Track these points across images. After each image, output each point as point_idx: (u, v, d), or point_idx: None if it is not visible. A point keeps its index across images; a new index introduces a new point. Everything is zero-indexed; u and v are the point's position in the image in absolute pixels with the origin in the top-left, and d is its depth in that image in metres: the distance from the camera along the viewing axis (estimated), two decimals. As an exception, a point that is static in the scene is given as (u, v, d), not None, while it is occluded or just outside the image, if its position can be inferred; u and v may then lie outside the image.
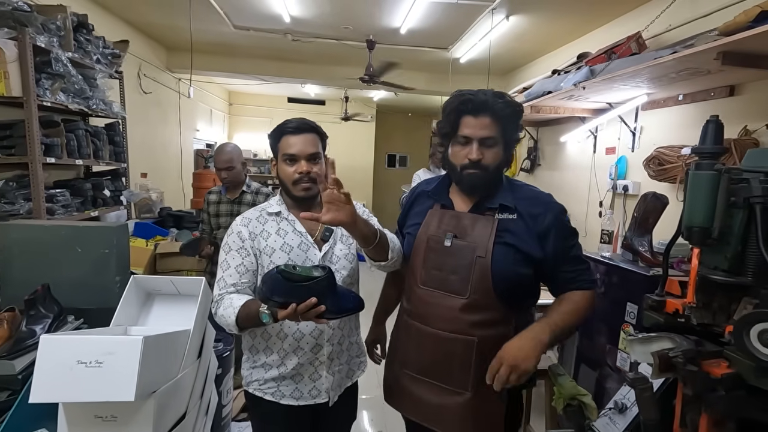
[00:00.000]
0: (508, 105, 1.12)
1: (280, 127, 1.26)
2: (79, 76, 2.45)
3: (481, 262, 1.10)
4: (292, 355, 1.24)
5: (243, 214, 1.29)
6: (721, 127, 1.10)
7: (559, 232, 1.14)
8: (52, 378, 0.85)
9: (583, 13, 3.01)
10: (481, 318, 1.11)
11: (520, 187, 1.22)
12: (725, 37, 1.50)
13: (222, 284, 1.19)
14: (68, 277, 1.76)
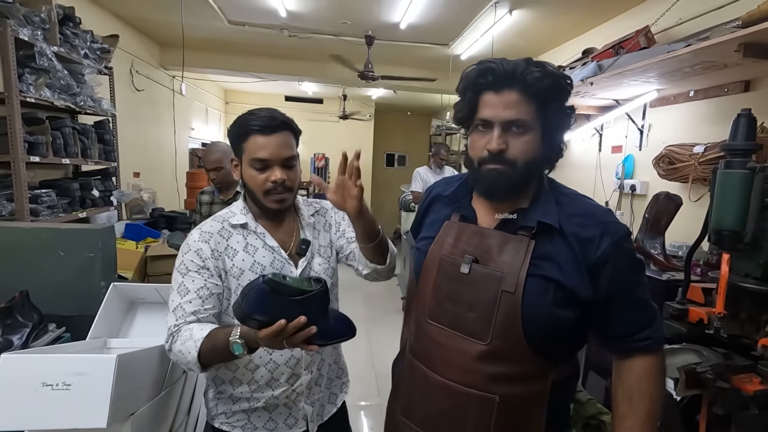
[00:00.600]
0: (547, 75, 0.80)
1: (243, 122, 1.02)
2: (66, 72, 2.34)
3: (509, 299, 0.82)
4: (265, 387, 1.05)
5: (201, 225, 1.05)
6: (754, 121, 1.01)
7: (620, 264, 0.82)
8: (13, 402, 0.75)
9: (589, 8, 2.92)
10: (505, 371, 0.83)
11: (570, 198, 0.89)
12: (747, 27, 1.41)
13: (180, 313, 0.95)
14: (50, 282, 1.67)
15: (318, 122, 7.44)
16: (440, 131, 6.50)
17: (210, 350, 0.90)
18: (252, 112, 1.03)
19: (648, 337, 0.85)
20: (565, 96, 0.85)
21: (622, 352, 0.87)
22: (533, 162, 0.84)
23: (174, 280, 1.00)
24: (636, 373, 0.85)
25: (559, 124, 0.86)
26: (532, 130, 0.82)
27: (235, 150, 1.06)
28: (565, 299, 0.81)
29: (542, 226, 0.83)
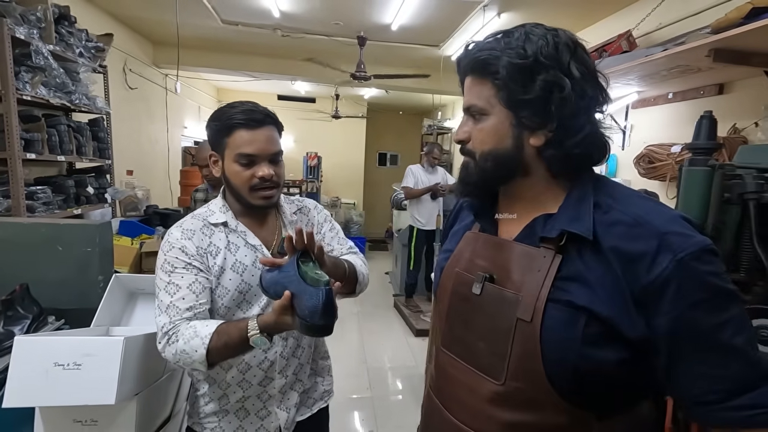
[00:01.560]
0: (493, 46, 0.66)
1: (225, 115, 0.97)
2: (61, 70, 2.37)
3: (525, 329, 0.64)
4: (236, 387, 1.03)
5: (180, 223, 1.01)
6: (714, 122, 1.10)
7: (687, 293, 0.58)
8: (27, 381, 0.81)
9: (574, 12, 3.01)
10: (524, 419, 0.65)
11: (620, 200, 0.66)
12: (717, 34, 1.50)
13: (173, 311, 0.91)
14: (49, 276, 1.71)
15: (310, 121, 7.48)
16: (432, 131, 6.58)
17: (221, 347, 0.86)
18: (233, 105, 0.98)
19: (756, 406, 0.58)
20: (529, 66, 0.63)
21: (716, 423, 0.61)
22: (494, 153, 0.68)
23: (159, 280, 0.95)
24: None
25: (529, 103, 0.64)
26: (489, 115, 0.68)
27: (216, 145, 1.01)
28: (602, 335, 0.61)
29: (573, 237, 0.63)
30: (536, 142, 0.67)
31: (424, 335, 3.66)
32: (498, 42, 0.66)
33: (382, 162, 8.82)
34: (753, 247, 1.01)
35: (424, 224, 4.20)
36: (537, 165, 0.69)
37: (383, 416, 2.59)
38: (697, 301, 0.58)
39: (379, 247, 7.52)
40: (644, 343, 0.61)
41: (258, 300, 1.02)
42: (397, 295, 4.70)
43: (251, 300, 1.02)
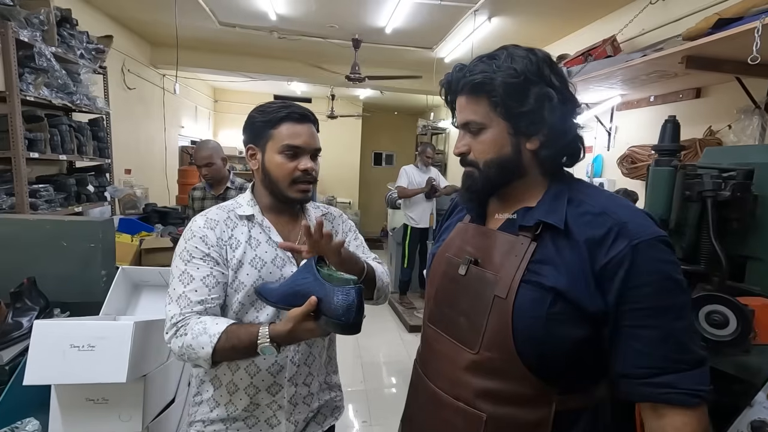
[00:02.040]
0: (478, 71, 0.75)
1: (272, 108, 1.00)
2: (63, 71, 2.44)
3: (501, 305, 0.73)
4: (242, 393, 0.99)
5: (205, 213, 1.01)
6: (677, 126, 1.19)
7: (638, 275, 0.66)
8: (45, 361, 0.88)
9: (562, 16, 3.11)
10: (494, 387, 0.74)
11: (589, 195, 0.77)
12: (688, 42, 1.60)
13: (184, 302, 0.89)
14: (54, 271, 1.78)
15: (306, 121, 7.54)
16: (426, 131, 6.67)
17: (228, 349, 0.85)
18: (285, 104, 1.02)
19: (674, 386, 0.65)
20: (521, 83, 0.73)
21: (637, 398, 0.70)
22: (497, 160, 0.77)
23: (175, 268, 0.94)
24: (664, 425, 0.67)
25: (527, 114, 0.74)
26: (487, 128, 0.77)
27: (256, 137, 1.02)
28: (568, 314, 0.69)
29: (547, 227, 0.73)
30: (532, 146, 0.77)
31: (418, 331, 3.74)
32: (488, 65, 0.75)
33: (377, 162, 8.91)
34: (711, 241, 1.11)
35: (418, 223, 4.29)
36: (532, 166, 0.79)
37: (376, 408, 2.67)
38: (644, 282, 0.66)
39: (374, 246, 7.58)
40: (601, 319, 0.69)
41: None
42: (392, 293, 4.79)
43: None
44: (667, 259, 0.68)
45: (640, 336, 0.67)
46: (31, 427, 1.29)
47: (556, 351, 0.70)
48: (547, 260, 0.72)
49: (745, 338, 0.96)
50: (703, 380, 0.66)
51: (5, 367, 1.40)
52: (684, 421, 0.65)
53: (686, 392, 0.65)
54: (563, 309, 0.69)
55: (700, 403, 0.66)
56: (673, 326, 0.66)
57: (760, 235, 1.13)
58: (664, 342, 0.66)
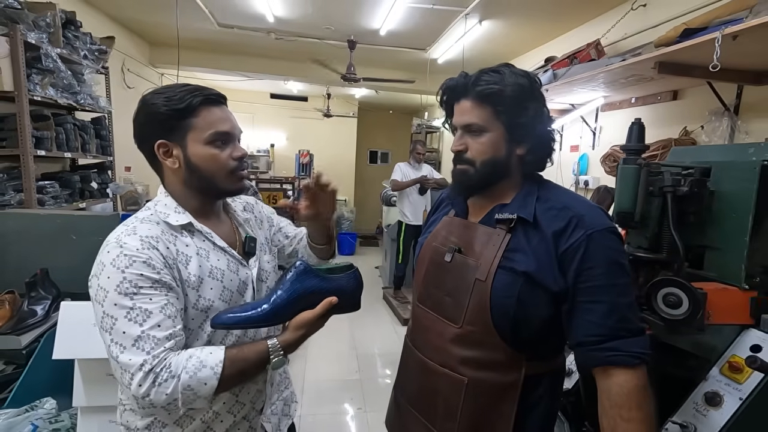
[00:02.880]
0: (491, 82, 0.86)
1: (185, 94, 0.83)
2: (68, 72, 2.53)
3: (480, 287, 0.86)
4: (227, 415, 0.89)
5: (131, 231, 0.80)
6: (642, 128, 1.31)
7: (591, 259, 0.80)
8: (71, 339, 0.99)
9: (550, 20, 3.23)
10: (475, 355, 0.87)
11: (553, 193, 0.91)
12: (660, 48, 1.72)
13: (149, 344, 0.73)
14: (64, 263, 1.87)
15: (302, 119, 7.63)
16: (420, 129, 6.78)
17: (235, 375, 0.77)
18: (183, 86, 0.86)
19: (618, 350, 0.78)
20: (521, 99, 0.86)
21: (589, 364, 0.82)
22: (492, 161, 0.89)
23: (115, 308, 0.74)
24: (615, 395, 0.78)
25: (520, 124, 0.87)
26: (488, 131, 0.89)
27: (167, 131, 0.84)
28: (535, 294, 0.83)
29: (520, 220, 0.87)
30: (520, 152, 0.91)
31: (411, 324, 3.87)
32: (496, 78, 0.87)
33: (372, 160, 9.00)
34: (671, 232, 1.23)
35: (412, 219, 4.40)
36: (516, 168, 0.93)
37: (371, 396, 2.79)
38: (596, 264, 0.81)
39: (370, 243, 7.71)
40: (562, 297, 0.83)
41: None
42: (386, 288, 4.90)
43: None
44: (615, 247, 0.83)
45: (591, 309, 0.81)
46: (49, 406, 1.40)
47: (525, 324, 0.85)
48: (519, 248, 0.86)
49: (695, 317, 1.08)
50: (643, 345, 0.81)
51: (22, 351, 1.50)
52: (626, 378, 0.78)
53: (629, 354, 0.79)
54: (532, 290, 0.84)
55: (640, 364, 0.79)
56: (618, 301, 0.81)
57: (716, 227, 1.25)
58: (610, 314, 0.80)
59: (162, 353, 0.74)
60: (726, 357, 1.19)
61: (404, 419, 1.03)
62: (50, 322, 1.62)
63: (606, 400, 0.80)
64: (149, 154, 0.88)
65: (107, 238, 0.81)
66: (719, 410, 1.13)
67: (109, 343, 0.74)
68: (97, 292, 0.76)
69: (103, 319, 0.75)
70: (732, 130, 1.96)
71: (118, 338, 0.73)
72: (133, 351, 0.72)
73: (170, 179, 0.88)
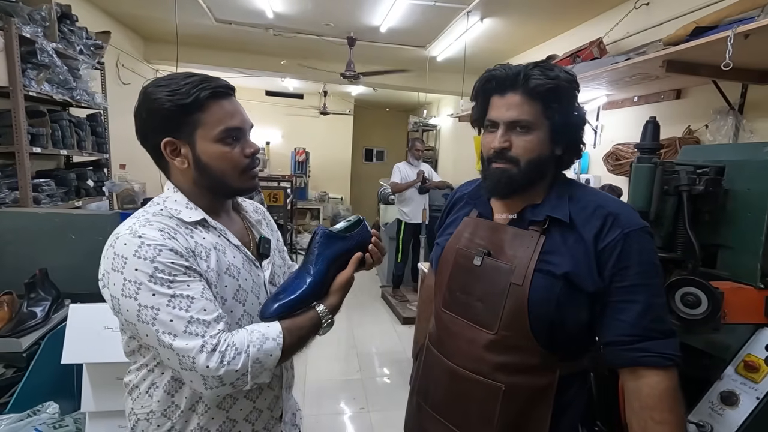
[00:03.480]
0: (548, 78, 0.82)
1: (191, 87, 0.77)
2: (64, 67, 2.47)
3: (517, 291, 0.83)
4: (244, 424, 0.86)
5: (145, 222, 0.76)
6: (657, 126, 1.30)
7: (627, 258, 0.79)
8: (81, 342, 0.95)
9: (551, 18, 3.22)
10: (511, 360, 0.85)
11: (585, 192, 0.89)
12: (668, 47, 1.72)
13: (201, 327, 0.71)
14: (63, 263, 1.83)
15: (298, 117, 7.58)
16: (417, 128, 6.77)
17: (295, 342, 0.79)
18: (187, 76, 0.79)
19: (650, 351, 0.78)
20: (570, 98, 0.85)
21: (619, 363, 0.82)
22: (537, 160, 0.85)
23: (155, 298, 0.70)
24: (646, 396, 0.78)
25: (567, 124, 0.86)
26: (536, 129, 0.84)
27: (174, 127, 0.78)
28: (573, 297, 0.81)
29: (554, 221, 0.85)
30: (559, 152, 0.89)
31: (411, 323, 3.86)
32: (550, 74, 0.83)
33: (368, 158, 8.98)
34: (686, 231, 1.22)
35: (411, 218, 4.39)
36: (550, 169, 0.90)
37: (373, 395, 2.77)
38: (631, 264, 0.80)
39: (366, 242, 7.69)
40: (597, 297, 0.82)
41: (256, 309, 0.86)
42: (384, 287, 4.89)
43: (250, 311, 0.85)
44: (650, 247, 0.83)
45: (625, 309, 0.80)
46: (51, 411, 1.36)
47: (563, 327, 0.83)
48: (555, 250, 0.84)
49: (714, 317, 1.08)
50: (675, 347, 0.80)
51: (23, 354, 1.46)
52: (657, 380, 0.77)
53: (661, 355, 0.78)
54: (571, 292, 0.82)
55: (671, 365, 0.78)
56: (653, 301, 0.80)
57: (730, 226, 1.25)
58: (644, 314, 0.79)
59: (219, 334, 0.72)
60: (741, 356, 1.19)
61: (428, 426, 1.00)
62: (51, 324, 1.58)
63: (636, 401, 0.79)
64: (154, 152, 0.82)
65: (117, 231, 0.75)
66: (736, 409, 1.13)
67: (157, 334, 0.70)
68: (125, 286, 0.70)
69: (140, 312, 0.70)
70: (737, 129, 1.97)
71: (165, 328, 0.70)
72: (186, 336, 0.70)
73: (179, 178, 0.84)
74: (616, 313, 0.81)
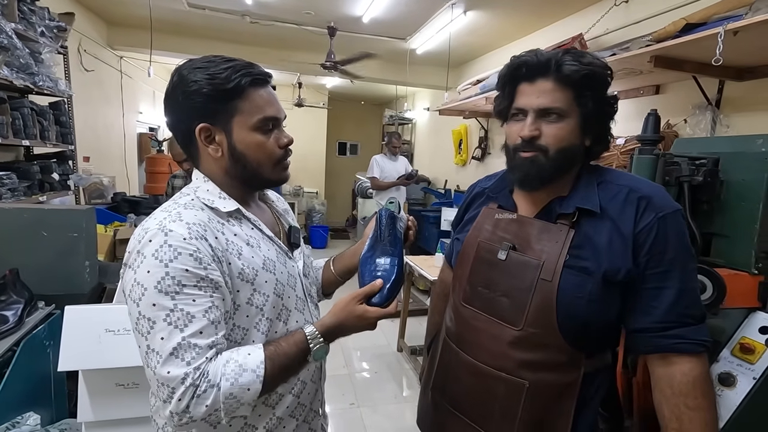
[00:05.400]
0: (582, 64, 0.79)
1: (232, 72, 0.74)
2: (25, 50, 2.27)
3: (545, 287, 0.81)
4: (290, 420, 0.83)
5: (176, 216, 0.71)
6: (658, 119, 1.34)
7: (662, 241, 0.77)
8: (80, 348, 0.87)
9: (534, 13, 3.27)
10: (536, 357, 0.83)
11: (614, 177, 0.86)
12: (657, 43, 1.77)
13: (190, 354, 0.65)
14: (34, 262, 1.70)
15: (271, 109, 7.37)
16: (393, 121, 6.74)
17: (278, 373, 0.71)
18: (226, 60, 0.76)
19: (684, 337, 0.76)
20: (604, 86, 0.82)
21: (650, 350, 0.80)
22: (567, 150, 0.82)
23: (153, 307, 0.65)
24: (679, 383, 0.77)
25: (598, 113, 0.82)
26: (567, 117, 0.81)
27: (210, 113, 0.75)
28: (606, 292, 0.79)
29: (583, 213, 0.81)
30: (587, 142, 0.85)
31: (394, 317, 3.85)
32: (583, 60, 0.80)
33: (342, 151, 8.88)
34: (687, 220, 1.26)
35: (391, 211, 4.37)
36: (579, 160, 0.86)
37: (362, 390, 2.75)
38: (666, 248, 0.77)
39: (340, 236, 7.61)
40: (629, 285, 0.79)
41: (295, 302, 0.84)
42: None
43: (288, 305, 0.82)
44: (684, 231, 0.81)
45: (659, 296, 0.78)
46: (33, 422, 1.26)
47: (592, 324, 0.81)
48: (586, 244, 0.81)
49: (719, 302, 1.12)
50: (706, 333, 0.79)
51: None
52: (690, 366, 0.77)
53: (694, 342, 0.77)
54: (601, 289, 0.79)
55: (703, 351, 0.78)
56: (686, 287, 0.78)
57: (725, 215, 1.31)
58: (678, 301, 0.77)
59: (204, 364, 0.66)
60: (736, 339, 1.25)
61: (445, 422, 0.98)
62: (25, 329, 1.46)
63: (668, 388, 0.78)
64: (185, 137, 0.78)
65: (146, 225, 0.71)
66: (734, 390, 1.18)
67: (146, 350, 0.66)
68: (133, 288, 0.67)
69: (138, 321, 0.66)
70: (714, 123, 2.06)
71: (155, 345, 0.65)
72: (172, 362, 0.64)
73: (210, 166, 0.79)
74: (650, 299, 0.79)
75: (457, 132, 4.98)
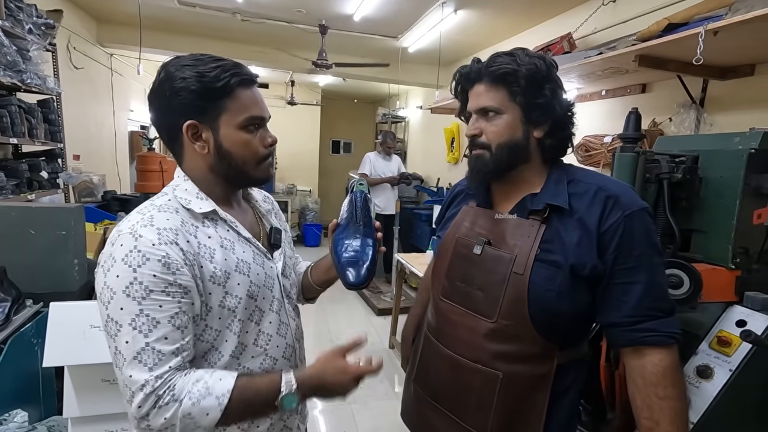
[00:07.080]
0: (506, 62, 0.85)
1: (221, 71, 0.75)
2: (12, 47, 2.25)
3: (517, 280, 0.84)
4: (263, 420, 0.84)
5: (147, 221, 0.71)
6: (639, 117, 1.36)
7: (629, 239, 0.80)
8: (64, 343, 0.88)
9: (524, 12, 3.29)
10: (509, 349, 0.86)
11: (584, 176, 0.90)
12: (642, 42, 1.79)
13: (152, 359, 0.66)
14: (22, 260, 1.70)
15: (264, 107, 7.35)
16: (386, 119, 6.75)
17: (242, 407, 0.70)
18: (214, 59, 0.77)
19: (654, 330, 0.79)
20: (534, 78, 0.84)
21: (623, 344, 0.83)
22: (508, 144, 0.87)
23: (121, 312, 0.66)
24: (650, 374, 0.80)
25: (535, 104, 0.85)
26: (503, 113, 0.86)
27: (198, 110, 0.75)
28: (574, 285, 0.82)
29: (554, 209, 0.85)
30: (538, 135, 0.88)
31: (386, 314, 3.87)
32: (510, 59, 0.86)
33: (335, 149, 8.88)
34: (666, 217, 1.29)
35: (383, 209, 4.39)
36: (536, 153, 0.90)
37: (353, 387, 2.77)
38: (633, 245, 0.81)
39: (335, 234, 7.62)
40: (598, 281, 0.82)
41: (270, 303, 0.85)
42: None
43: (262, 306, 0.83)
44: (651, 228, 0.84)
45: (627, 291, 0.81)
46: (20, 419, 1.26)
47: (563, 316, 0.84)
48: (556, 239, 0.84)
49: (695, 296, 1.15)
50: (676, 325, 0.83)
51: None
52: (660, 357, 0.80)
53: (664, 334, 0.80)
54: (572, 281, 0.82)
55: (673, 343, 0.82)
56: (655, 281, 0.82)
57: (703, 212, 1.33)
58: (646, 295, 0.81)
59: (167, 374, 0.67)
60: (714, 332, 1.27)
61: (426, 413, 1.01)
62: (12, 327, 1.46)
63: (639, 378, 0.81)
64: (170, 134, 0.79)
65: (120, 227, 0.72)
66: (711, 382, 1.21)
67: (114, 351, 0.68)
68: (103, 290, 0.68)
69: (107, 324, 0.68)
70: (698, 121, 2.10)
71: (121, 347, 0.67)
72: (135, 365, 0.66)
73: (194, 163, 0.80)
74: (619, 294, 0.82)
75: (449, 130, 5.00)
